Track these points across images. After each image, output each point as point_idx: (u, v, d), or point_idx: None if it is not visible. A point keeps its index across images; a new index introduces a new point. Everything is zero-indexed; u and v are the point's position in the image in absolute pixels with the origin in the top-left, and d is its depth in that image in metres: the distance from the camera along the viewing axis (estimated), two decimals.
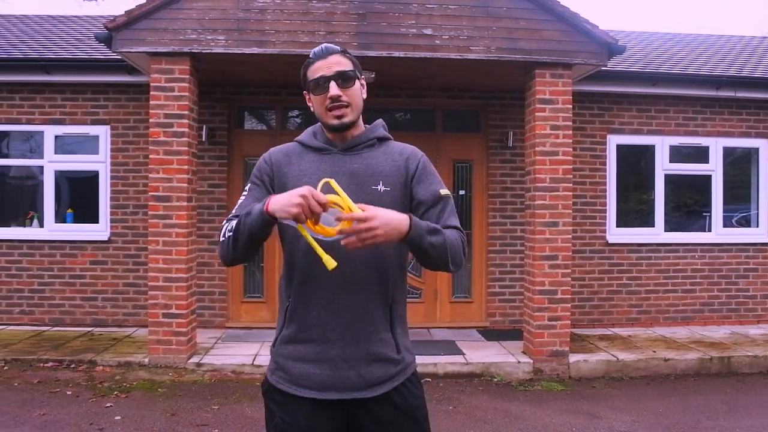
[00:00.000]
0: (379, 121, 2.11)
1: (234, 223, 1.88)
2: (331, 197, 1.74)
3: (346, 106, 1.95)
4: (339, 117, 1.95)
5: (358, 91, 1.99)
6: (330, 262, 1.73)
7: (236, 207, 1.99)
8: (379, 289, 1.94)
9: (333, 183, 1.80)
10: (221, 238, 1.93)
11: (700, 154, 8.08)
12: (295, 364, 1.95)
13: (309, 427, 1.92)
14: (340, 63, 1.96)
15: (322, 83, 1.94)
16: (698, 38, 10.23)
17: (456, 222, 1.99)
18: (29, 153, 7.71)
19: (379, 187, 1.96)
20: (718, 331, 7.66)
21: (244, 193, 2.02)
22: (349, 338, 1.92)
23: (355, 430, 1.97)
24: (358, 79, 1.99)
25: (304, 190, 1.72)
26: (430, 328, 7.62)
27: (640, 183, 8.15)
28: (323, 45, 2.01)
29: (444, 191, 2.01)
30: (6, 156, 7.73)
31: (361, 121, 2.05)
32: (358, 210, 1.72)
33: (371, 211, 1.73)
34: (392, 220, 1.75)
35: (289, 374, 1.95)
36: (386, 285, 1.96)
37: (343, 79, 1.95)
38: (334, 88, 1.93)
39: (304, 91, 2.04)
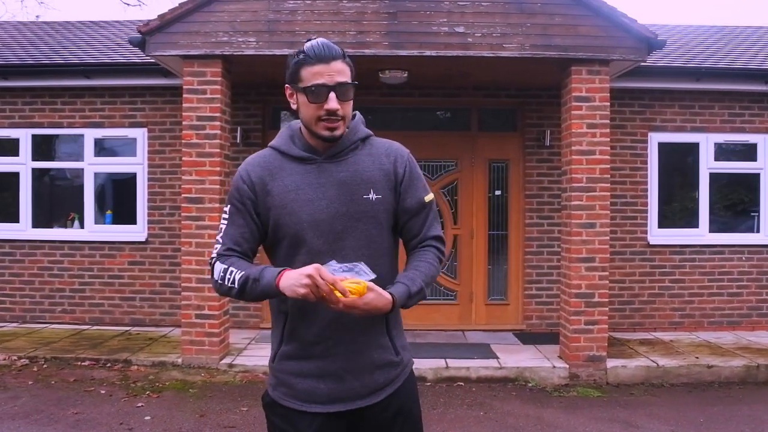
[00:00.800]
0: (358, 118, 1.99)
1: (232, 272, 1.83)
2: (338, 278, 1.72)
3: (341, 119, 1.85)
4: (331, 130, 1.85)
5: (352, 102, 1.89)
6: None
7: (219, 233, 1.93)
8: None
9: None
10: (215, 277, 1.88)
11: (748, 152, 7.76)
12: (298, 380, 1.92)
13: None
14: (342, 72, 1.83)
15: (322, 92, 1.81)
16: (746, 31, 9.83)
17: (437, 230, 1.99)
18: (71, 156, 7.88)
19: (370, 196, 1.89)
20: (766, 336, 7.35)
21: (225, 216, 1.94)
22: (351, 351, 1.90)
23: None
24: (353, 89, 1.89)
25: (311, 269, 1.69)
26: (465, 330, 7.51)
27: (683, 182, 7.88)
28: (322, 42, 1.83)
29: (428, 197, 1.98)
30: (49, 159, 7.93)
31: None
32: (350, 294, 1.73)
33: (365, 299, 1.73)
34: (376, 307, 1.76)
35: (294, 390, 1.92)
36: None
37: (344, 91, 1.83)
38: (333, 101, 1.81)
39: (287, 84, 1.90)
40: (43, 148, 7.88)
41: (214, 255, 1.91)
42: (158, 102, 7.59)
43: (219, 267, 1.87)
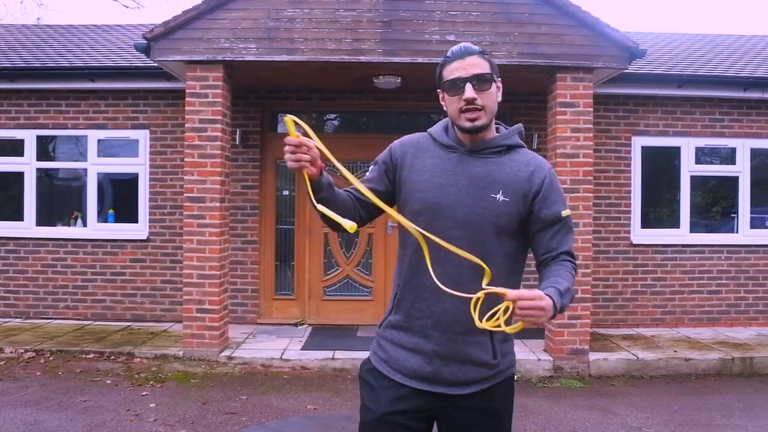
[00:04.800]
0: (517, 127, 2.08)
1: None
2: (314, 144, 1.82)
3: (480, 109, 1.93)
4: (472, 120, 1.93)
5: (494, 95, 1.96)
6: (347, 224, 1.78)
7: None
8: (485, 296, 1.84)
9: (289, 121, 1.86)
10: None
11: (727, 156, 8.09)
12: (394, 348, 2.02)
13: (392, 411, 1.96)
14: (477, 65, 1.93)
15: (458, 84, 1.92)
16: (727, 39, 10.17)
17: (570, 245, 1.99)
18: (74, 156, 8.13)
19: (498, 196, 1.94)
20: (744, 332, 7.67)
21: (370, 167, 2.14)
22: (446, 338, 1.96)
23: (433, 421, 2.03)
24: (495, 82, 1.96)
25: (294, 140, 1.82)
26: None
27: (666, 184, 8.19)
28: (462, 44, 1.98)
29: (565, 212, 1.99)
30: (53, 159, 8.18)
31: (493, 125, 2.03)
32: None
33: (532, 293, 1.72)
34: (551, 305, 1.73)
35: (389, 356, 2.03)
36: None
37: (480, 81, 1.92)
38: (469, 91, 1.90)
39: (438, 90, 2.03)
40: (47, 148, 8.13)
41: None
42: (160, 105, 7.85)
43: None
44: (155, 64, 6.70)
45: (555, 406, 5.30)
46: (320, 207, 1.85)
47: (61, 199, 8.33)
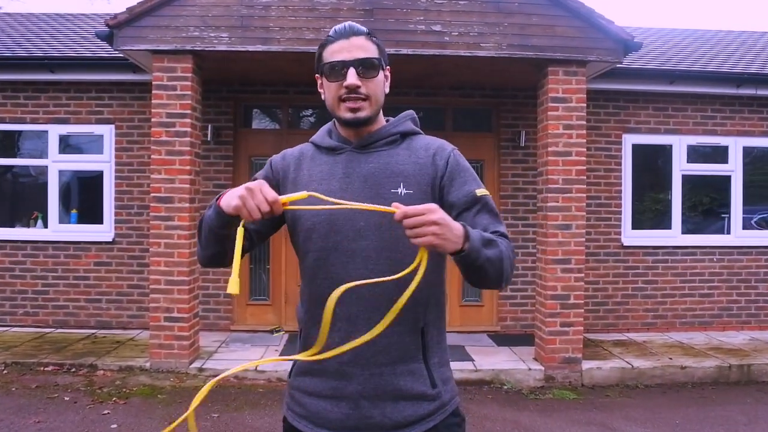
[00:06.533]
0: (408, 113, 1.82)
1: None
2: (290, 197, 1.53)
3: (364, 99, 1.67)
4: (354, 110, 1.67)
5: (381, 83, 1.70)
6: (232, 286, 1.48)
7: None
8: (405, 311, 1.56)
9: (318, 195, 1.54)
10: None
11: (719, 154, 7.83)
12: (311, 400, 1.69)
13: None
14: (364, 48, 1.67)
15: (339, 68, 1.65)
16: (718, 35, 9.95)
17: (501, 227, 1.67)
18: (34, 153, 7.62)
19: (399, 190, 1.66)
20: (737, 336, 7.42)
21: None
22: (369, 373, 1.64)
23: None
24: (383, 69, 1.70)
25: (254, 183, 1.50)
26: None
27: (657, 184, 7.92)
28: (347, 23, 1.70)
29: (481, 191, 1.69)
30: (11, 155, 7.65)
31: (381, 116, 1.77)
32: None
33: (424, 206, 1.43)
34: (450, 221, 1.45)
35: (306, 410, 1.71)
36: (415, 307, 1.63)
37: (365, 67, 1.65)
38: (352, 76, 1.64)
39: (317, 74, 1.75)
40: (5, 144, 7.60)
41: None
42: (126, 98, 7.37)
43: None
44: (120, 55, 6.24)
45: (550, 422, 4.96)
46: (236, 257, 1.52)
47: (20, 199, 7.80)
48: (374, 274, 1.61)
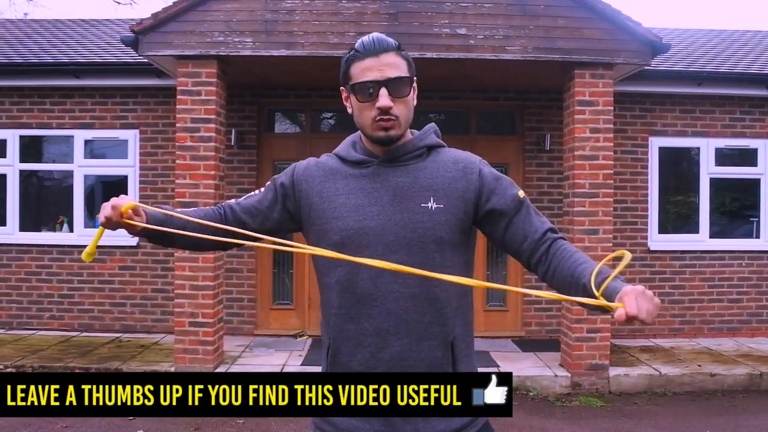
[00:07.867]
0: (431, 126, 1.79)
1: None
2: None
3: (395, 119, 1.63)
4: (386, 129, 1.63)
5: (411, 102, 1.66)
6: (86, 254, 1.65)
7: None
8: (435, 325, 1.62)
9: (627, 256, 1.43)
10: None
11: (748, 157, 7.69)
12: (341, 419, 1.64)
13: None
14: (395, 65, 1.61)
15: (372, 89, 1.60)
16: (746, 35, 9.77)
17: (547, 223, 1.69)
18: (60, 158, 7.69)
19: (429, 204, 1.63)
20: (766, 343, 7.27)
21: (261, 189, 1.82)
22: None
23: None
24: (412, 84, 1.66)
25: (120, 198, 1.55)
26: None
27: (684, 187, 7.79)
28: (374, 36, 1.63)
29: (521, 192, 1.70)
30: (37, 160, 7.73)
31: (408, 131, 1.73)
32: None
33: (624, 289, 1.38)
34: (641, 289, 1.39)
35: (336, 428, 1.66)
36: (443, 319, 1.64)
37: (397, 86, 1.60)
38: (384, 98, 1.59)
39: (342, 87, 1.71)
40: (31, 149, 7.68)
41: None
42: (151, 103, 7.41)
43: None
44: (145, 60, 6.26)
45: (578, 430, 4.89)
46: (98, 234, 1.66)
47: (46, 203, 7.88)
48: (404, 288, 1.61)
